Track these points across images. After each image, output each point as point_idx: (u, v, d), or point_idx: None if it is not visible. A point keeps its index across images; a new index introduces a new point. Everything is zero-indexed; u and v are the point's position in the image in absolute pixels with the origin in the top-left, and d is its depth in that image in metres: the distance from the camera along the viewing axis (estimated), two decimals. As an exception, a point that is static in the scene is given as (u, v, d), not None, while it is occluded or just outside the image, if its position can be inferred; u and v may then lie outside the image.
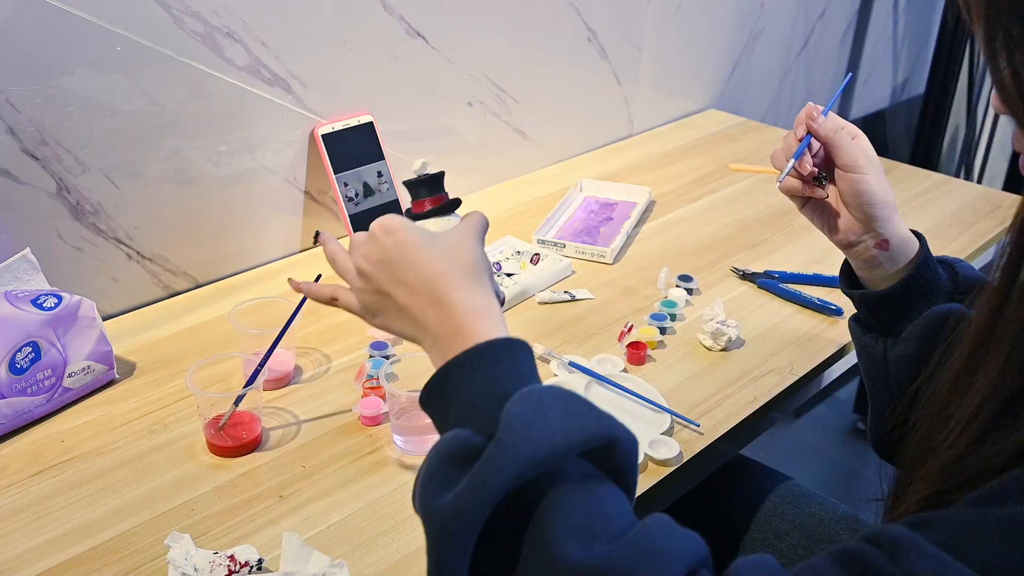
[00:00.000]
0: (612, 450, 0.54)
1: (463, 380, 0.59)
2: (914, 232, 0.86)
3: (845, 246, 0.85)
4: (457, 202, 0.81)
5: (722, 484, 1.02)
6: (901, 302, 0.83)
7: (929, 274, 0.83)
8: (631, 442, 0.55)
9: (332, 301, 0.73)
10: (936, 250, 0.86)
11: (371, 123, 1.23)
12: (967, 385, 0.57)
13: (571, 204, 1.38)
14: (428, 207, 0.80)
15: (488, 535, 0.51)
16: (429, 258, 0.64)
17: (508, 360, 0.59)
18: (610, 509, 0.52)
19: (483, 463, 0.51)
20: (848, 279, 0.89)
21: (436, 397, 0.60)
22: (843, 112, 2.25)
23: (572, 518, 0.51)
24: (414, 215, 0.82)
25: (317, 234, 0.75)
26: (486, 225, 0.70)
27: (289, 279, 0.77)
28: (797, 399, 1.05)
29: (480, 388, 0.58)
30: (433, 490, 0.53)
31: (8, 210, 0.97)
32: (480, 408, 0.56)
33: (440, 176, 0.81)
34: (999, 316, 0.55)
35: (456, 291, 0.63)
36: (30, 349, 0.87)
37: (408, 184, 0.82)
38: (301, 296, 0.92)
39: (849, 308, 1.13)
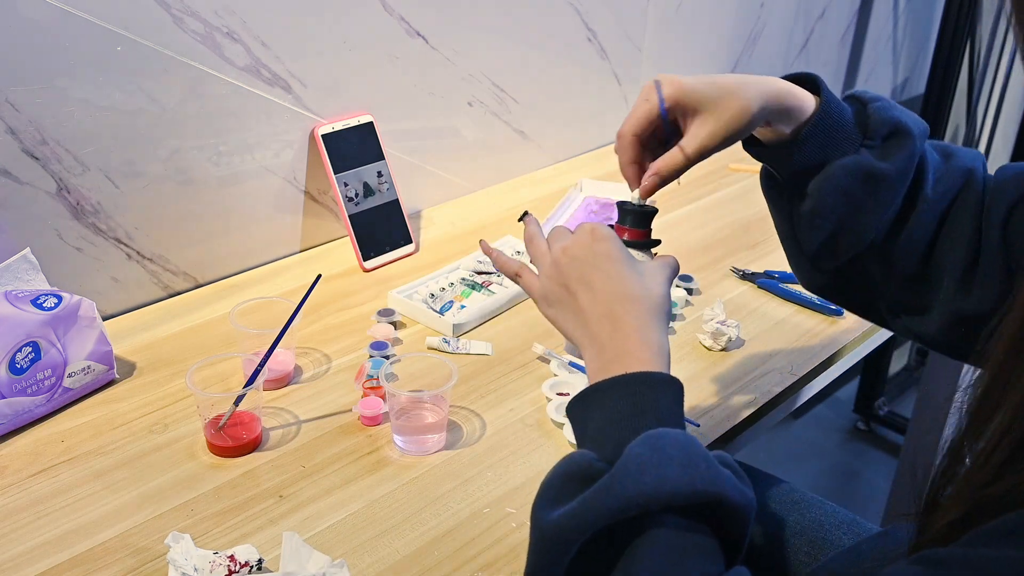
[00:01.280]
0: (720, 509, 0.56)
1: (606, 402, 0.62)
2: (806, 77, 0.78)
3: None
4: (656, 242, 0.79)
5: None
6: (802, 159, 0.77)
7: (824, 128, 0.76)
8: (745, 505, 0.57)
9: (516, 277, 0.76)
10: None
11: (371, 123, 1.23)
12: (996, 402, 0.52)
13: (571, 204, 1.38)
14: (626, 237, 0.77)
15: (584, 554, 0.55)
16: (624, 277, 0.67)
17: (654, 396, 0.62)
18: (697, 562, 0.55)
19: (593, 492, 0.55)
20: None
21: (581, 408, 0.65)
22: (843, 112, 2.25)
23: (657, 563, 0.54)
24: (628, 242, 0.78)
25: (525, 213, 0.78)
26: (677, 270, 0.73)
27: (481, 240, 0.80)
28: (797, 399, 1.05)
29: (619, 415, 0.61)
30: (545, 501, 0.58)
31: (8, 210, 0.97)
32: (612, 435, 0.60)
33: (653, 214, 0.79)
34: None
35: (635, 317, 0.66)
36: (30, 349, 0.87)
37: (622, 206, 0.79)
38: (301, 296, 0.92)
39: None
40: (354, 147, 1.22)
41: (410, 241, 1.26)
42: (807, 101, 0.77)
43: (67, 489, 0.82)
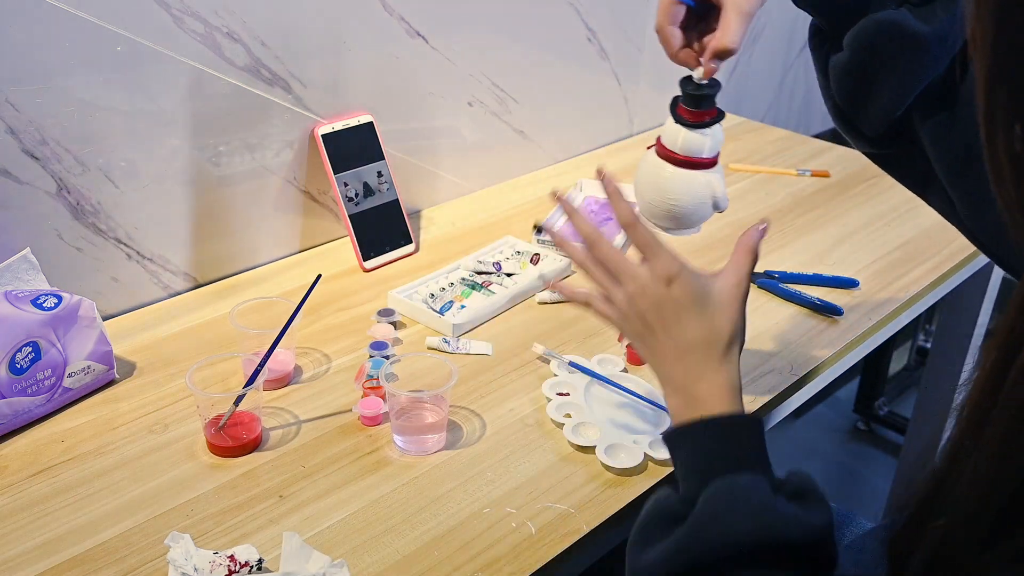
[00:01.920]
0: (788, 550, 0.58)
1: (685, 445, 0.66)
2: None
3: None
4: (722, 115, 0.80)
5: None
6: (839, 6, 0.77)
7: None
8: (814, 537, 0.58)
9: (586, 306, 0.77)
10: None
11: (371, 123, 1.23)
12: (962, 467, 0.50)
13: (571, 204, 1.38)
14: (707, 119, 0.79)
15: None
16: (695, 324, 0.69)
17: (726, 440, 0.65)
18: None
19: (673, 542, 0.59)
20: None
21: (669, 448, 0.68)
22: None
23: None
24: (691, 123, 0.79)
25: (539, 225, 0.79)
26: (748, 291, 0.73)
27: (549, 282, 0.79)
28: (797, 399, 1.05)
29: (702, 456, 0.64)
30: (637, 543, 0.63)
31: (8, 210, 0.97)
32: (695, 476, 0.63)
33: (718, 91, 0.79)
34: (993, 401, 0.47)
35: (705, 363, 0.69)
36: (30, 349, 0.87)
37: (686, 88, 0.79)
38: (301, 296, 0.92)
39: (848, 309, 1.13)
40: (354, 147, 1.22)
41: (410, 241, 1.26)
42: None
43: (67, 489, 0.82)
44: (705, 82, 0.78)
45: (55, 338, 0.89)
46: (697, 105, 0.78)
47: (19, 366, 0.86)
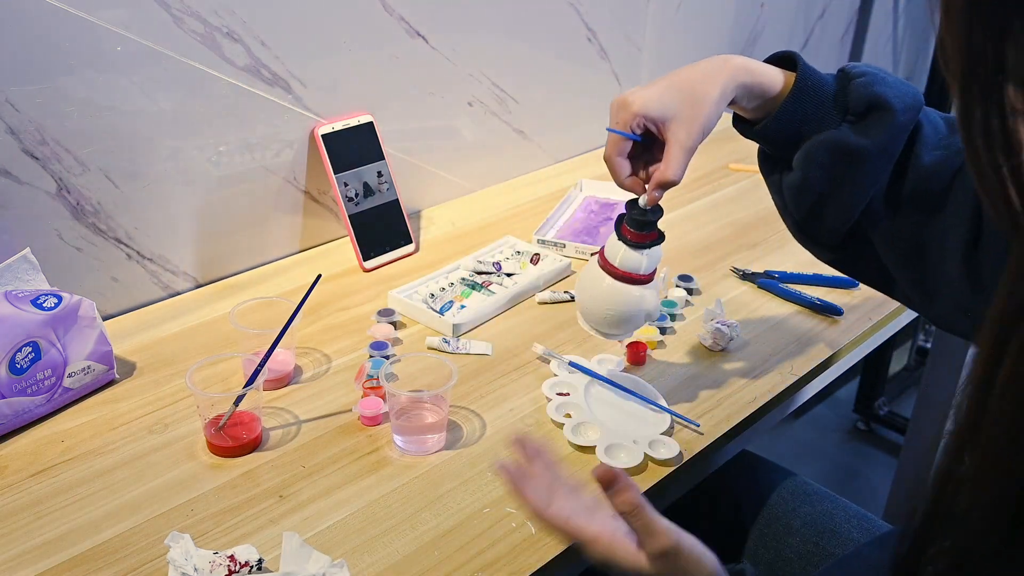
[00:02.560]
0: None
1: None
2: (786, 57, 0.81)
3: None
4: (662, 238, 0.85)
5: (730, 479, 1.02)
6: (780, 136, 0.80)
7: (798, 104, 0.78)
8: None
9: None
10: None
11: (371, 123, 1.23)
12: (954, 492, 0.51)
13: (571, 204, 1.39)
14: (647, 241, 0.84)
15: None
16: None
17: None
18: None
19: None
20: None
21: None
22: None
23: None
24: (632, 243, 0.83)
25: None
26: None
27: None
28: (797, 399, 1.05)
29: None
30: None
31: (8, 210, 0.97)
32: None
33: (660, 217, 0.84)
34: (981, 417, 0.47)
35: None
36: (30, 349, 0.87)
37: (631, 212, 0.83)
38: (301, 296, 0.92)
39: (848, 309, 1.13)
40: (354, 147, 1.22)
41: (410, 241, 1.26)
42: (774, 79, 0.79)
43: (67, 489, 0.82)
44: (648, 208, 0.82)
45: (55, 338, 0.89)
46: (639, 228, 0.83)
47: (19, 366, 0.86)
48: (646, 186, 0.82)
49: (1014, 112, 0.44)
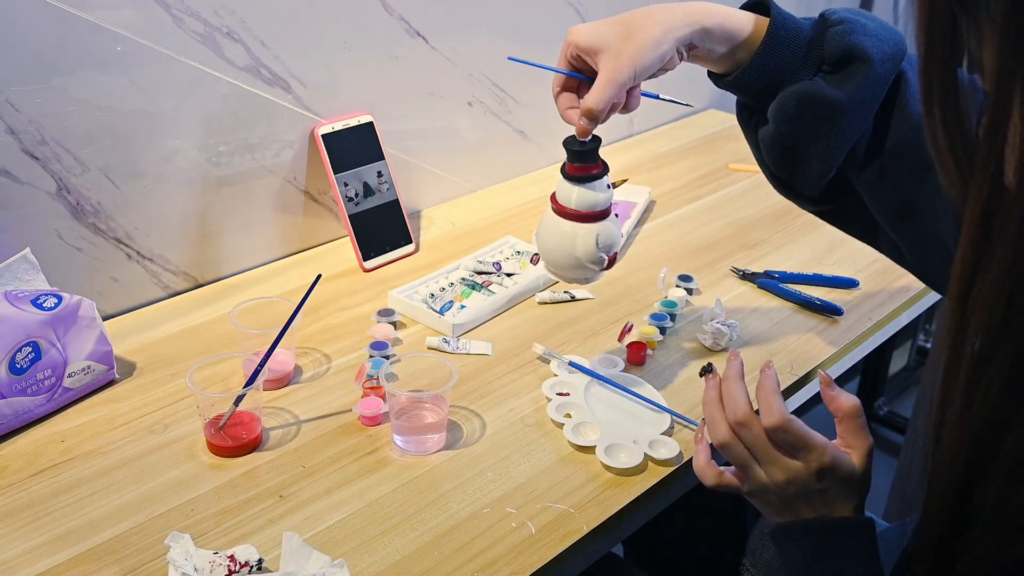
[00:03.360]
0: None
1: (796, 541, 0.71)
2: (760, 3, 0.79)
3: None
4: (606, 170, 0.85)
5: None
6: (754, 86, 0.79)
7: (770, 53, 0.76)
8: None
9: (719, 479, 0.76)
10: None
11: (371, 123, 1.23)
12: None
13: (571, 204, 1.38)
14: (577, 174, 0.84)
15: None
16: (844, 507, 0.70)
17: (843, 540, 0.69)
18: None
19: None
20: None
21: (776, 540, 0.73)
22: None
23: None
24: (590, 175, 0.84)
25: (708, 368, 0.80)
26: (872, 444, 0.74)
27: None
28: (797, 399, 1.05)
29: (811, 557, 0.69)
30: None
31: (8, 210, 0.97)
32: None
33: (596, 148, 0.84)
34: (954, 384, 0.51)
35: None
36: (30, 349, 0.87)
37: (567, 146, 0.85)
38: (301, 296, 0.92)
39: (848, 309, 1.13)
40: (354, 147, 1.22)
41: (410, 241, 1.26)
42: (742, 23, 0.77)
43: (67, 489, 0.81)
44: (582, 139, 0.82)
45: (55, 338, 0.89)
46: (574, 160, 0.83)
47: (19, 366, 0.86)
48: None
49: (966, 91, 0.46)
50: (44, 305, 0.88)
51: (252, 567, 0.72)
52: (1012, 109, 0.44)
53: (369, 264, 1.21)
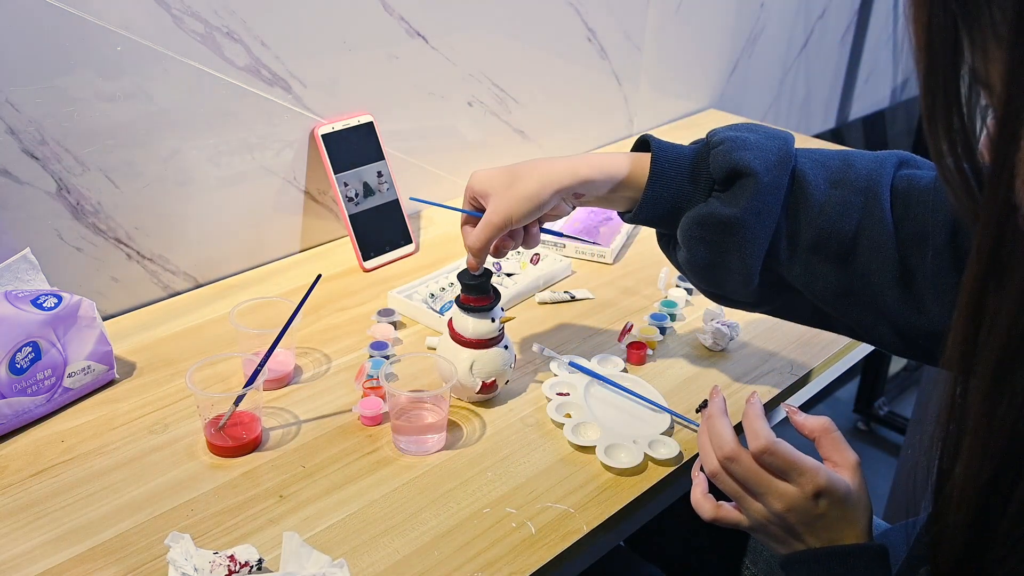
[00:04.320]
0: None
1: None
2: (645, 142, 0.83)
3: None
4: (496, 300, 0.92)
5: None
6: (655, 219, 0.83)
7: (663, 186, 0.80)
8: None
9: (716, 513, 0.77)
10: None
11: (371, 123, 1.23)
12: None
13: (571, 204, 1.38)
14: (472, 304, 0.91)
15: None
16: (848, 530, 0.71)
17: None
18: None
19: None
20: None
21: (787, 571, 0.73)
22: (843, 113, 2.25)
23: None
24: (467, 306, 0.91)
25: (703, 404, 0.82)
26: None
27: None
28: (797, 399, 1.05)
29: None
30: None
31: (8, 210, 0.97)
32: None
33: (487, 281, 0.91)
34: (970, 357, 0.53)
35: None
36: (30, 349, 0.87)
37: (460, 280, 0.92)
38: (301, 296, 0.92)
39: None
40: (354, 147, 1.22)
41: (410, 241, 1.26)
42: (619, 165, 0.82)
43: (67, 489, 0.82)
44: (474, 272, 0.90)
45: (55, 338, 0.89)
46: (467, 292, 0.91)
47: (19, 366, 0.86)
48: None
49: (971, 106, 0.46)
50: (44, 305, 0.88)
51: (252, 567, 0.72)
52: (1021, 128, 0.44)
53: (369, 264, 1.21)
